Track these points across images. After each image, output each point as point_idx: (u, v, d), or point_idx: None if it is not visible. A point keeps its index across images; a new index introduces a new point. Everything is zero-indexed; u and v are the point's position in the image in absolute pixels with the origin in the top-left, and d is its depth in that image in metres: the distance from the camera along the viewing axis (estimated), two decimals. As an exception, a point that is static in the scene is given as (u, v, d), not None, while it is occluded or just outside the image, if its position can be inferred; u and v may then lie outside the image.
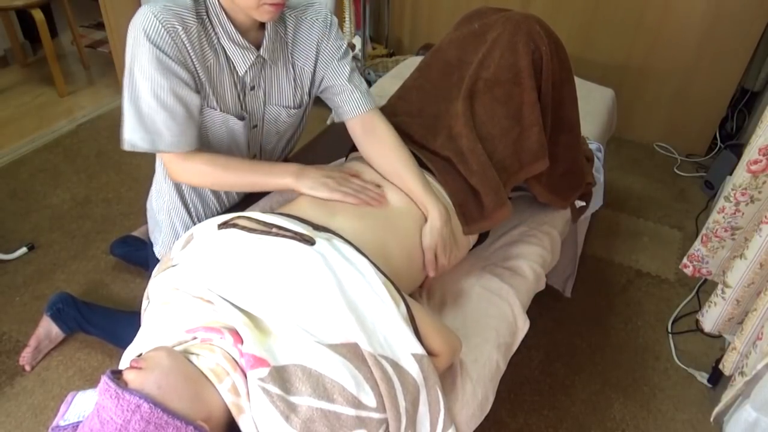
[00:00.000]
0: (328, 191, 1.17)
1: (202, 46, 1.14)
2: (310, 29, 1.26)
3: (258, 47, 1.20)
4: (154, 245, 1.49)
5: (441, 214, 1.19)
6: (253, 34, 1.19)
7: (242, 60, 1.20)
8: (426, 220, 1.21)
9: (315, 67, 1.31)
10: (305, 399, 0.82)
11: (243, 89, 1.25)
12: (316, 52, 1.29)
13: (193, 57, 1.14)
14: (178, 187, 1.39)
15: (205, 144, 1.27)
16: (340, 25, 2.87)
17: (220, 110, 1.22)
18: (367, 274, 0.96)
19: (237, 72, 1.21)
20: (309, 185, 1.18)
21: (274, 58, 1.24)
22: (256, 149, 1.40)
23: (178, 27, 1.10)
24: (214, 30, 1.16)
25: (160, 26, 1.08)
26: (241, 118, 1.26)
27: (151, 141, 1.15)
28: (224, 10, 1.14)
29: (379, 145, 1.29)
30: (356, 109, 1.30)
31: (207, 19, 1.14)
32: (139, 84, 1.12)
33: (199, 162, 1.21)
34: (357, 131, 1.32)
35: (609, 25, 2.71)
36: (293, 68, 1.29)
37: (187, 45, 1.12)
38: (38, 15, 2.78)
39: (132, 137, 1.15)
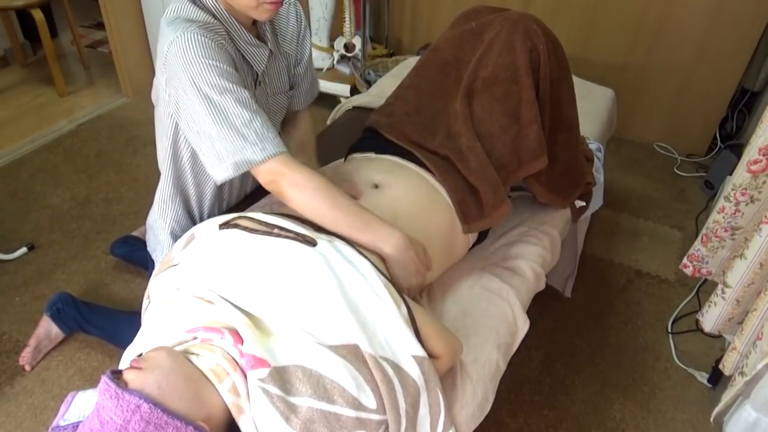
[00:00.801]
0: (406, 285, 1.12)
1: (229, 52, 1.15)
2: (288, 12, 1.32)
3: (263, 43, 1.22)
4: (156, 262, 1.48)
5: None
6: (252, 31, 1.21)
7: (260, 58, 1.22)
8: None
9: (296, 47, 1.36)
10: (305, 400, 0.82)
11: (254, 84, 1.27)
12: (298, 36, 1.34)
13: (237, 64, 1.15)
14: (186, 207, 1.39)
15: None
16: (341, 25, 2.89)
17: None
18: (368, 275, 0.96)
19: (254, 71, 1.23)
20: (400, 269, 1.10)
21: (276, 49, 1.27)
22: None
23: (222, 41, 1.10)
24: (231, 37, 1.16)
25: (210, 42, 1.06)
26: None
27: (263, 149, 1.06)
28: (232, 14, 1.14)
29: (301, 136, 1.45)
30: (303, 103, 1.46)
31: (224, 28, 1.15)
32: (221, 104, 1.06)
33: (307, 178, 1.08)
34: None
35: (609, 25, 2.71)
36: (284, 53, 1.33)
37: (232, 53, 1.13)
38: (38, 15, 2.78)
39: (242, 156, 1.06)
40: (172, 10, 1.12)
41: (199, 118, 1.08)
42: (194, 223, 1.44)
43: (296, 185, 1.08)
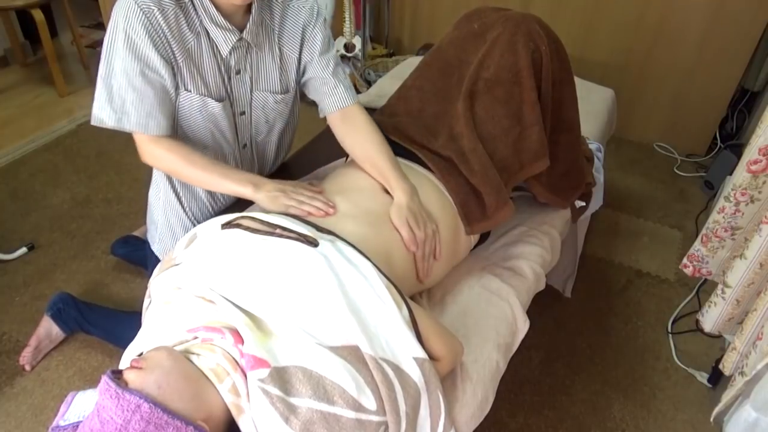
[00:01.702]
0: (276, 204, 1.17)
1: (180, 28, 1.16)
2: (296, 16, 1.30)
3: (242, 30, 1.22)
4: (151, 243, 1.49)
5: (406, 191, 1.19)
6: (238, 18, 1.21)
7: (224, 41, 1.21)
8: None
9: (300, 53, 1.34)
10: (305, 401, 0.82)
11: (228, 72, 1.27)
12: (302, 38, 1.32)
13: (170, 38, 1.15)
14: (171, 182, 1.40)
15: (187, 132, 1.28)
16: (340, 25, 2.89)
17: (199, 94, 1.23)
18: (370, 276, 0.96)
19: (220, 54, 1.23)
20: (263, 198, 1.18)
21: (258, 43, 1.26)
22: (246, 139, 1.40)
23: (154, 8, 1.12)
24: (196, 12, 1.18)
25: (137, 8, 1.11)
26: (220, 100, 1.27)
27: (117, 119, 1.17)
28: None
29: (356, 134, 1.33)
30: (339, 102, 1.35)
31: (189, 3, 1.17)
32: (113, 62, 1.14)
33: (165, 148, 1.21)
34: (337, 122, 1.36)
35: (609, 25, 2.71)
36: (280, 54, 1.31)
37: (164, 26, 1.14)
38: (38, 15, 2.78)
39: (100, 113, 1.18)
40: None
41: (100, 63, 1.17)
42: (181, 201, 1.44)
43: (156, 156, 1.23)
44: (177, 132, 1.28)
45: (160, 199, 1.43)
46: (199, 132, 1.29)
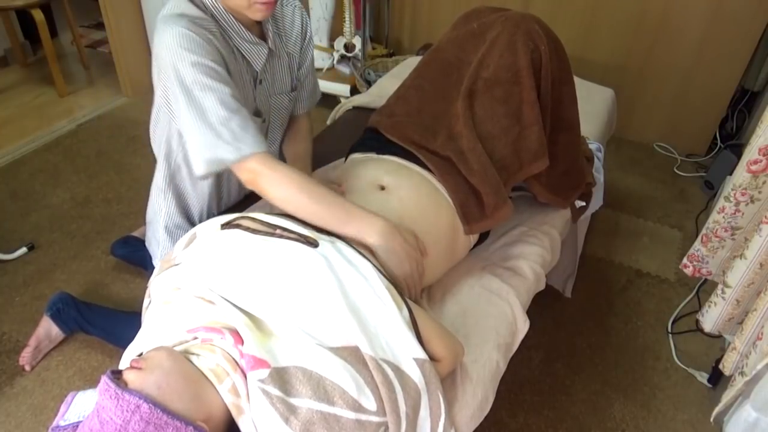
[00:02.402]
0: (400, 272, 1.08)
1: (225, 48, 1.15)
2: (293, 14, 1.32)
3: (266, 41, 1.23)
4: (153, 258, 1.50)
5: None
6: (254, 29, 1.22)
7: (258, 56, 1.22)
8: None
9: (302, 50, 1.37)
10: (305, 401, 0.82)
11: (255, 85, 1.27)
12: (303, 38, 1.35)
13: (227, 60, 1.14)
14: (180, 203, 1.40)
15: None
16: (340, 25, 2.89)
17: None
18: (370, 277, 0.96)
19: (252, 69, 1.23)
20: (389, 256, 1.07)
21: (278, 49, 1.28)
22: None
23: (210, 36, 1.09)
24: (227, 33, 1.17)
25: (197, 37, 1.06)
26: (258, 115, 1.29)
27: (236, 149, 1.06)
28: (230, 11, 1.15)
29: (306, 135, 1.50)
30: (304, 108, 1.48)
31: (216, 24, 1.15)
32: (201, 99, 1.06)
33: (285, 174, 1.09)
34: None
35: (609, 25, 2.71)
36: (288, 54, 1.34)
37: (221, 50, 1.12)
38: (38, 15, 2.78)
39: (215, 154, 1.07)
40: (168, 6, 1.13)
41: (181, 113, 1.09)
42: (189, 220, 1.45)
43: (275, 182, 1.08)
44: None
45: (161, 216, 1.43)
46: None
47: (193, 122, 1.07)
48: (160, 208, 1.42)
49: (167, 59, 1.06)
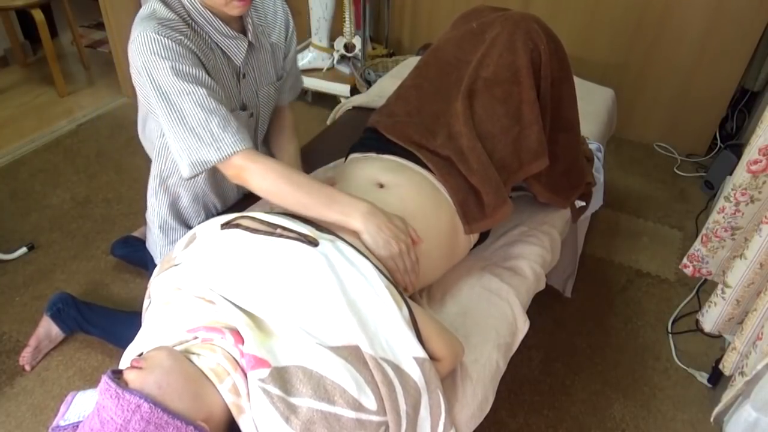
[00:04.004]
0: (387, 255, 1.07)
1: (200, 47, 1.16)
2: (274, 4, 1.34)
3: (245, 35, 1.23)
4: (154, 258, 1.50)
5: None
6: (234, 23, 1.22)
7: (237, 50, 1.22)
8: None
9: (286, 40, 1.38)
10: (306, 400, 0.82)
11: (238, 79, 1.27)
12: (286, 28, 1.37)
13: (202, 59, 1.14)
14: (172, 202, 1.41)
15: None
16: (340, 25, 2.89)
17: (230, 108, 1.23)
18: (370, 276, 0.96)
19: (234, 63, 1.24)
20: (373, 237, 1.07)
21: (259, 42, 1.29)
22: (252, 141, 1.41)
23: (180, 36, 1.10)
24: (203, 30, 1.17)
25: (167, 41, 1.07)
26: (244, 109, 1.29)
27: (218, 149, 1.09)
28: (208, 8, 1.15)
29: (288, 131, 1.50)
30: (287, 99, 1.48)
31: (193, 22, 1.16)
32: (178, 104, 1.08)
33: (264, 167, 1.11)
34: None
35: (609, 25, 2.71)
36: (270, 46, 1.34)
37: (195, 49, 1.12)
38: (38, 15, 2.78)
39: (198, 156, 1.10)
40: (142, 8, 1.14)
41: (160, 118, 1.11)
42: (183, 220, 1.46)
43: (259, 175, 1.11)
44: None
45: (156, 222, 1.44)
46: None
47: (172, 127, 1.09)
48: (153, 207, 1.43)
49: (140, 64, 1.09)
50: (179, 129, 1.09)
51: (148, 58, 1.07)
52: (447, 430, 0.95)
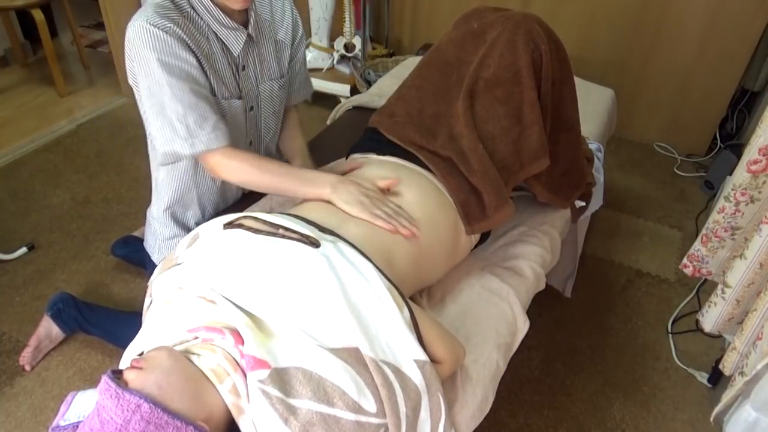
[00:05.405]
0: (361, 209, 1.12)
1: (194, 35, 1.17)
2: (283, 5, 1.37)
3: (246, 27, 1.26)
4: (151, 255, 1.50)
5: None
6: (236, 15, 1.24)
7: (235, 40, 1.25)
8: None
9: (293, 43, 1.40)
10: (305, 402, 0.82)
11: (237, 70, 1.29)
12: (294, 30, 1.39)
13: (193, 48, 1.17)
14: (174, 217, 1.43)
15: None
16: (340, 25, 2.89)
17: (223, 96, 1.26)
18: (371, 278, 0.96)
19: (231, 53, 1.26)
20: (345, 199, 1.14)
21: (261, 36, 1.31)
22: (252, 136, 1.43)
23: (171, 25, 1.12)
24: (202, 18, 1.19)
25: (158, 31, 1.10)
26: (239, 98, 1.31)
27: (191, 144, 1.16)
28: None
29: (293, 130, 1.54)
30: (294, 100, 1.52)
31: (192, 11, 1.18)
32: (159, 96, 1.13)
33: (238, 159, 1.21)
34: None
35: (609, 24, 2.71)
36: (275, 41, 1.36)
37: (185, 38, 1.15)
38: (38, 15, 2.78)
39: (171, 147, 1.16)
40: None
41: (144, 107, 1.16)
42: (180, 221, 1.47)
43: (233, 170, 1.21)
44: None
45: (161, 199, 1.44)
46: None
47: (153, 114, 1.15)
48: (150, 206, 1.44)
49: (131, 52, 1.14)
50: (158, 118, 1.15)
51: (136, 47, 1.12)
52: None
